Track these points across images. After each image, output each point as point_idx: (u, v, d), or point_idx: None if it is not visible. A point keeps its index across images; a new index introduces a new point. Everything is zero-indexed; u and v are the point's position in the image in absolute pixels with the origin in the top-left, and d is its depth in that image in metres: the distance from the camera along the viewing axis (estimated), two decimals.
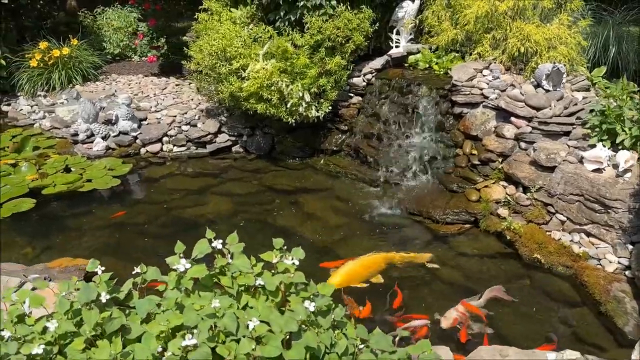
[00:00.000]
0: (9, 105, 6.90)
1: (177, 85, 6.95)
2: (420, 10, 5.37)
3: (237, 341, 1.83)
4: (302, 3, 4.86)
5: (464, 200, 4.16)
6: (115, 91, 6.64)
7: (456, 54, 5.06)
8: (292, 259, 2.06)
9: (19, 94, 7.01)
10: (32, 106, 6.70)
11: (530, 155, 4.01)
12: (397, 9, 5.31)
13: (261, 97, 4.83)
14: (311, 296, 1.93)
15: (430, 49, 5.33)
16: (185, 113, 5.92)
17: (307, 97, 4.85)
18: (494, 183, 4.12)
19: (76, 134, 5.64)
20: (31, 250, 4.15)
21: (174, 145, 5.73)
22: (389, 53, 5.25)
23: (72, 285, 2.17)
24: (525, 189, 3.99)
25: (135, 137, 5.64)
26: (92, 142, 5.62)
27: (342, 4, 4.90)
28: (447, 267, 3.82)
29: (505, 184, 4.11)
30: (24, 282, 3.02)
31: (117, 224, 4.60)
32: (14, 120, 6.61)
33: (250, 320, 1.82)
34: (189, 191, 5.14)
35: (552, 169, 3.85)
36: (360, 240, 4.25)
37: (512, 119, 4.20)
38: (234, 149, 5.76)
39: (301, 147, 5.46)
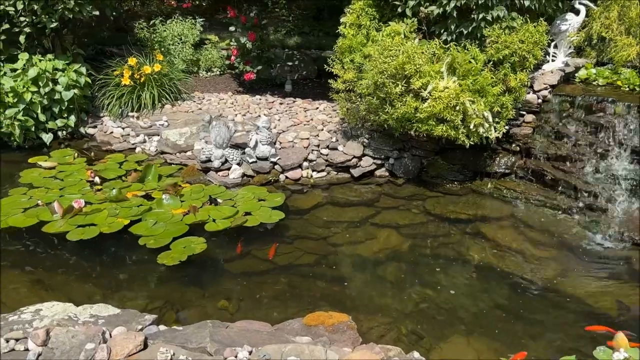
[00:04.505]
0: (94, 127, 6.23)
1: (281, 104, 6.44)
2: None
3: None
4: (480, 15, 4.49)
5: None
6: (221, 113, 6.07)
7: (631, 70, 4.78)
8: None
9: (102, 114, 6.35)
10: (123, 128, 6.06)
11: None
12: (558, 22, 5.00)
13: (440, 118, 4.41)
14: None
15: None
16: (317, 135, 5.43)
17: (490, 117, 4.47)
18: None
19: (208, 161, 5.05)
20: (227, 303, 3.58)
21: (314, 171, 5.22)
22: (560, 68, 4.93)
23: None
24: None
25: (274, 163, 5.10)
26: (227, 169, 5.05)
27: (521, 17, 4.55)
28: None
29: None
30: (325, 350, 2.49)
31: (285, 266, 4.07)
32: (105, 144, 5.97)
33: None
34: (348, 223, 4.65)
35: None
36: (585, 278, 3.87)
37: None
38: (377, 172, 5.30)
39: (459, 170, 5.05)
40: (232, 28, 6.63)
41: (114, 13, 6.98)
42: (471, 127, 4.42)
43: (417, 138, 5.05)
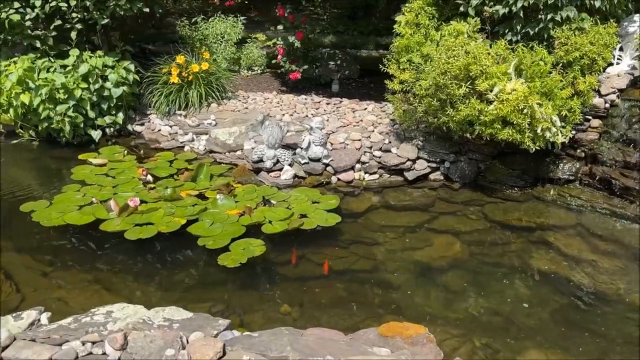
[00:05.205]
0: (142, 125, 6.21)
1: (327, 104, 6.33)
2: None
3: None
4: (548, 16, 4.33)
5: None
6: (268, 112, 5.99)
7: None
8: None
9: (149, 112, 6.33)
10: (171, 126, 6.03)
11: None
12: (626, 24, 4.79)
13: (506, 121, 4.25)
14: None
15: None
16: (369, 137, 5.31)
17: (558, 122, 4.29)
18: None
19: (260, 161, 4.97)
20: (289, 308, 3.48)
21: (366, 173, 5.10)
22: (628, 71, 4.72)
23: None
24: None
25: (326, 165, 4.99)
26: (279, 170, 4.96)
27: (590, 18, 4.37)
28: None
29: None
30: None
31: (342, 271, 3.94)
32: (153, 142, 5.95)
33: None
34: (404, 228, 4.51)
35: None
36: None
37: None
38: (431, 176, 5.15)
39: (519, 175, 4.88)
40: (280, 27, 6.56)
41: (160, 10, 6.99)
42: (538, 131, 4.25)
43: (473, 141, 4.91)
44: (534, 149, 4.37)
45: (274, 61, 7.02)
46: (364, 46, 9.99)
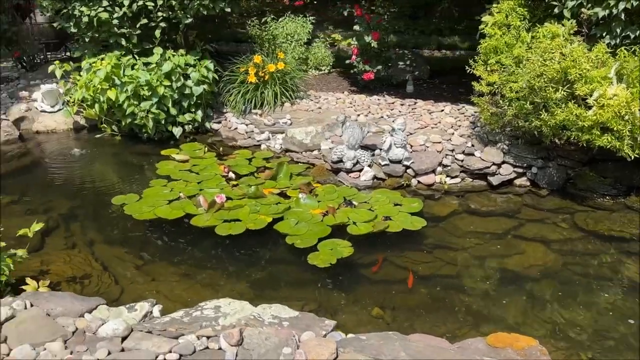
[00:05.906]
0: (218, 123, 6.32)
1: (402, 105, 6.25)
2: None
3: None
4: None
5: None
6: (343, 113, 5.96)
7: None
8: None
9: (225, 110, 6.44)
10: (247, 125, 6.10)
11: None
12: None
13: (605, 127, 4.06)
14: None
15: None
16: (449, 139, 5.20)
17: None
18: None
19: (339, 161, 4.96)
20: (381, 312, 3.43)
21: (447, 176, 5.00)
22: None
23: None
24: None
25: (407, 167, 4.93)
26: (358, 170, 4.93)
27: None
28: None
29: None
30: None
31: (427, 276, 3.85)
32: (230, 140, 6.04)
33: None
34: (490, 234, 4.38)
35: None
36: None
37: None
38: (516, 182, 4.99)
39: (611, 184, 4.67)
40: (356, 27, 6.53)
41: (237, 10, 7.09)
42: (638, 138, 4.05)
43: (562, 147, 4.73)
44: (632, 157, 4.16)
45: (347, 61, 6.99)
46: (426, 46, 9.86)
